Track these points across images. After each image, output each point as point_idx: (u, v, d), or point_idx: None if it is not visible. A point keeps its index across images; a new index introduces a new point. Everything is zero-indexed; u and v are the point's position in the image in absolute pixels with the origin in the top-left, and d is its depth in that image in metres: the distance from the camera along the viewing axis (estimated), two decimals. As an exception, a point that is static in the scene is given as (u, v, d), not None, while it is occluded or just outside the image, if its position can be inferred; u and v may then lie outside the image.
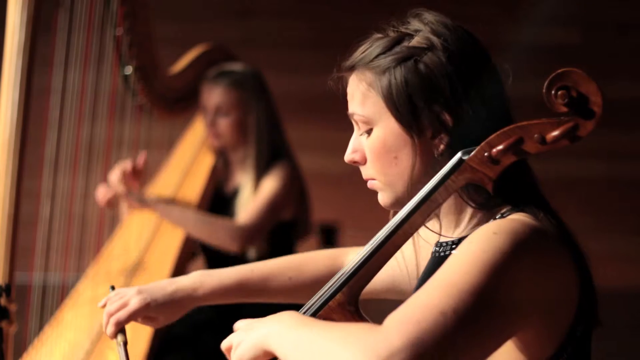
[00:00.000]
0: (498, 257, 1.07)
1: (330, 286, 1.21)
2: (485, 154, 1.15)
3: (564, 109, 1.11)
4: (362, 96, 1.27)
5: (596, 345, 1.25)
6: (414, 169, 1.24)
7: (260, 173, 2.76)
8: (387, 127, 1.25)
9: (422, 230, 1.30)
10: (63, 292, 2.37)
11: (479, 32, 1.29)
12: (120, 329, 1.47)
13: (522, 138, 1.14)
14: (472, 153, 1.16)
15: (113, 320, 1.47)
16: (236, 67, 2.89)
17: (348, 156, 1.31)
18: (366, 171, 1.30)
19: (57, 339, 2.19)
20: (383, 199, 1.30)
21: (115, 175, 2.62)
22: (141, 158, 2.67)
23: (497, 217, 1.23)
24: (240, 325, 1.20)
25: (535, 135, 1.13)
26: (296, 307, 1.24)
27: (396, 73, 1.23)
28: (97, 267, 2.58)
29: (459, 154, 1.18)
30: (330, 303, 1.20)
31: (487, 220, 1.23)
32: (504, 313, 1.06)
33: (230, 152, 2.89)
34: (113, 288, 1.55)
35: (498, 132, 1.15)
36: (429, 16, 1.28)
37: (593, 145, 4.92)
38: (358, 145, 1.30)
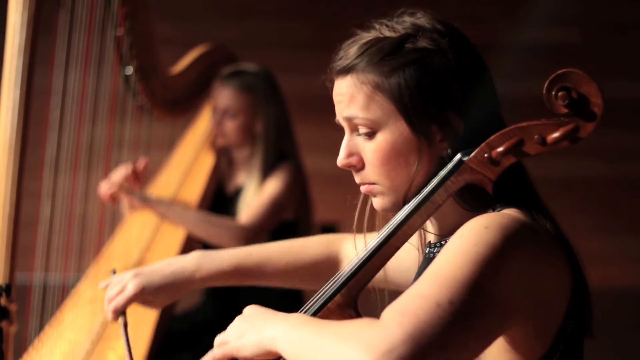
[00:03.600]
0: (489, 251, 1.07)
1: (329, 287, 1.21)
2: (485, 155, 1.15)
3: (564, 110, 1.11)
4: (366, 99, 1.21)
5: (597, 344, 1.25)
6: (420, 173, 1.21)
7: (265, 175, 2.76)
8: (397, 130, 1.20)
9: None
10: (63, 292, 2.37)
11: (479, 32, 1.28)
12: (119, 313, 1.53)
13: (523, 139, 1.14)
14: (472, 154, 1.16)
15: (111, 307, 1.53)
16: (249, 68, 2.88)
17: (343, 161, 1.25)
18: (365, 175, 1.25)
19: (57, 339, 2.18)
20: (382, 203, 1.25)
21: (117, 175, 2.62)
22: (142, 162, 2.67)
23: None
24: (247, 312, 1.19)
25: (536, 137, 1.13)
26: (296, 308, 1.24)
27: (406, 75, 1.19)
28: (97, 267, 2.58)
29: (458, 155, 1.17)
30: (329, 305, 1.19)
31: None
32: (497, 305, 1.06)
33: (234, 151, 2.90)
34: (114, 272, 1.60)
35: (498, 133, 1.15)
36: (423, 16, 1.24)
37: (593, 145, 4.91)
38: (354, 149, 1.25)
